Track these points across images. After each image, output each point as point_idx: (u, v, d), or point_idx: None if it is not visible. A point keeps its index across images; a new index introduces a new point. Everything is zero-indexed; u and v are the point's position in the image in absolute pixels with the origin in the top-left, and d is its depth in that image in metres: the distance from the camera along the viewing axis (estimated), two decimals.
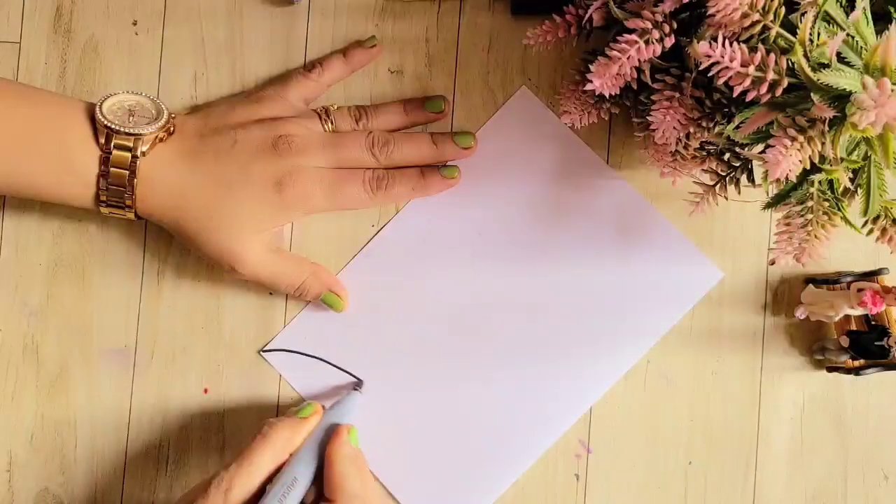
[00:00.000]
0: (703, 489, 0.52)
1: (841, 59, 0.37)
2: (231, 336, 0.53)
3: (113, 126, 0.46)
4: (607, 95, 0.44)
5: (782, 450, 0.53)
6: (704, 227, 0.53)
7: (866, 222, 0.41)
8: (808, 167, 0.37)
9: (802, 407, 0.53)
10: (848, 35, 0.37)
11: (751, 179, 0.46)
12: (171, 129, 0.48)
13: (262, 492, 0.45)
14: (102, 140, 0.47)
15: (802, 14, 0.37)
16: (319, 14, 0.54)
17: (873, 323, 0.50)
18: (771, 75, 0.36)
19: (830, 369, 0.52)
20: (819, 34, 0.37)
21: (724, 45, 0.36)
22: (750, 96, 0.37)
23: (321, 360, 0.52)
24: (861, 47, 0.37)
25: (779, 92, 0.37)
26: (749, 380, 0.53)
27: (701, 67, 0.37)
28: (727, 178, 0.46)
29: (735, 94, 0.37)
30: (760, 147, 0.39)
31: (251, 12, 0.54)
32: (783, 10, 0.37)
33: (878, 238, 0.42)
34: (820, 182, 0.40)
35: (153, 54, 0.54)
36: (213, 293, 0.53)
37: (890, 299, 0.47)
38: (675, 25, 0.41)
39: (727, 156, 0.46)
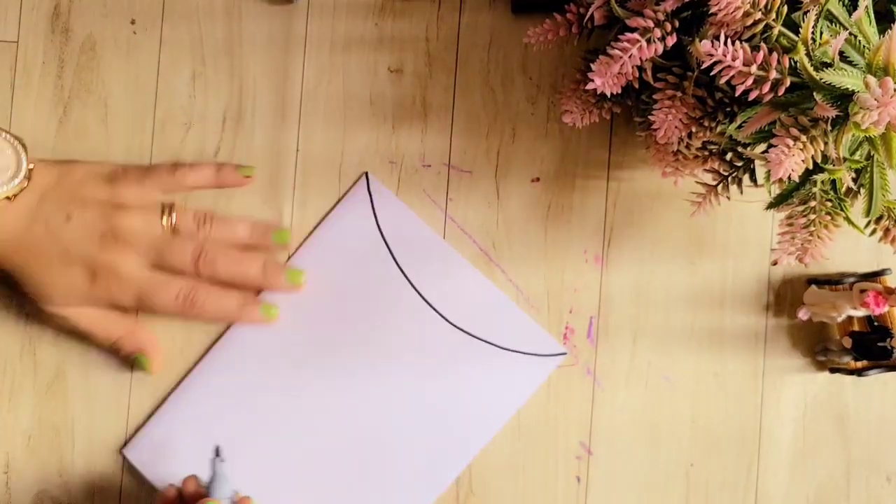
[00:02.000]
0: (705, 491, 0.52)
1: (843, 58, 0.37)
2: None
3: None
4: (609, 94, 0.44)
5: (784, 451, 0.52)
6: (706, 228, 0.53)
7: (869, 222, 0.41)
8: (810, 167, 0.37)
9: (804, 408, 0.53)
10: (850, 34, 0.37)
11: (753, 179, 0.46)
12: (24, 186, 0.48)
13: None
14: None
15: (805, 13, 0.37)
16: (318, 13, 0.54)
17: (876, 324, 0.49)
18: (773, 74, 0.36)
19: (833, 370, 0.52)
20: (821, 33, 0.37)
21: (726, 43, 0.36)
22: (752, 95, 0.37)
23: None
24: (864, 46, 0.37)
25: (781, 91, 0.36)
26: (751, 381, 0.53)
27: (703, 66, 0.37)
28: (729, 178, 0.46)
29: (737, 94, 0.37)
30: (763, 147, 0.38)
31: (250, 11, 0.54)
32: (785, 8, 0.37)
33: (881, 238, 0.42)
34: (822, 182, 0.40)
35: (151, 53, 0.54)
36: None
37: (893, 300, 0.47)
38: (676, 24, 0.41)
39: (729, 155, 0.45)
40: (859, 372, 0.50)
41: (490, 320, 0.52)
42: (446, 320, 0.52)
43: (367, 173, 0.53)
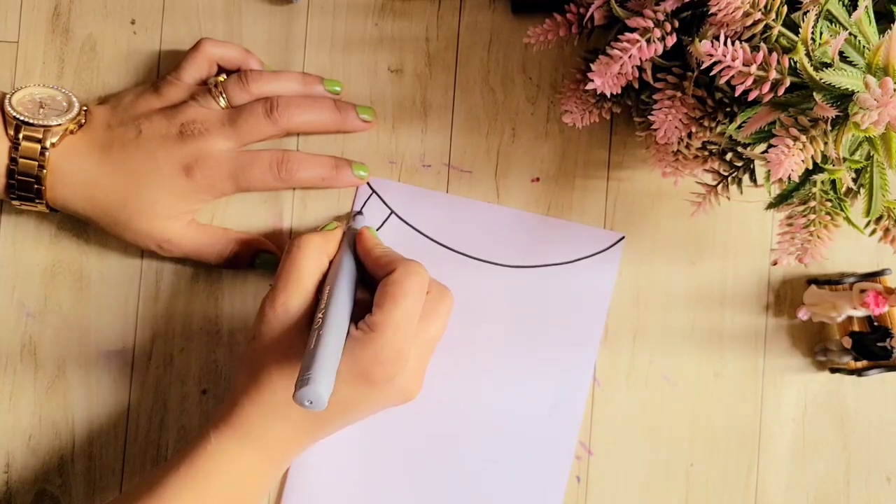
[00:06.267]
0: (705, 491, 0.52)
1: (843, 58, 0.37)
2: (229, 337, 0.53)
3: (22, 117, 0.47)
4: (608, 95, 0.44)
5: (784, 451, 0.52)
6: (706, 228, 0.53)
7: (869, 222, 0.41)
8: (810, 167, 0.37)
9: (804, 408, 0.53)
10: (850, 34, 0.37)
11: (753, 179, 0.46)
12: (82, 121, 0.49)
13: (315, 301, 0.46)
14: (11, 131, 0.47)
15: (804, 13, 0.37)
16: (319, 13, 0.54)
17: (876, 324, 0.49)
18: (773, 74, 0.36)
19: (833, 370, 0.52)
20: (821, 33, 0.37)
21: (725, 44, 0.36)
22: (752, 96, 0.37)
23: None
24: (863, 46, 0.37)
25: (781, 91, 0.36)
26: (751, 381, 0.53)
27: (703, 66, 0.37)
28: (729, 178, 0.46)
29: (737, 94, 0.37)
30: (762, 147, 0.38)
31: (250, 11, 0.54)
32: (785, 8, 0.37)
33: (880, 238, 0.42)
34: (822, 182, 0.40)
35: (151, 53, 0.54)
36: (210, 294, 0.53)
37: (893, 300, 0.47)
38: (676, 24, 0.41)
39: (729, 155, 0.45)
40: (859, 372, 0.50)
41: (539, 245, 0.53)
42: (505, 266, 0.53)
43: (368, 183, 0.53)
